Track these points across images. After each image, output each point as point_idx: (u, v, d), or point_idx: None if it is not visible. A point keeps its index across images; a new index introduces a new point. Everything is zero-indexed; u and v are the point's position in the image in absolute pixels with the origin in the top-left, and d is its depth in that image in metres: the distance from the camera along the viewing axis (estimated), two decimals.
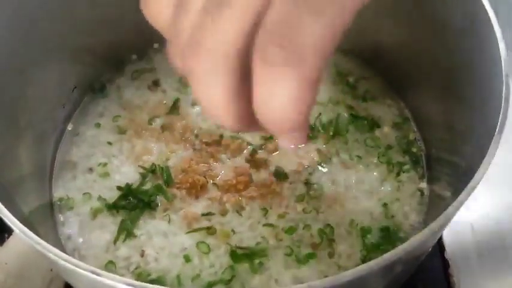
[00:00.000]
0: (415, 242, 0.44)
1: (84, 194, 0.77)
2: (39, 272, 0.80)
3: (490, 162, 0.50)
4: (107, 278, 0.44)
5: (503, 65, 0.56)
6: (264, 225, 0.73)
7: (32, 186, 0.74)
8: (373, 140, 0.82)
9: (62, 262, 0.46)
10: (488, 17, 0.59)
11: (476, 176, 0.49)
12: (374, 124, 0.84)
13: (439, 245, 0.83)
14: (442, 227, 0.47)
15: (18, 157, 0.72)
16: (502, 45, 0.55)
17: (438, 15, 0.72)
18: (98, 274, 0.44)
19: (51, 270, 0.80)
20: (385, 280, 0.52)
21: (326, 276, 0.60)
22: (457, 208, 0.47)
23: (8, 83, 0.69)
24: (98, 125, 0.85)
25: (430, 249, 0.60)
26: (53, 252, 0.46)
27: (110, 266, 0.71)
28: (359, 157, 0.80)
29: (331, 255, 0.71)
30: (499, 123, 0.53)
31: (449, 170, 0.72)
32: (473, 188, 0.48)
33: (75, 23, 0.80)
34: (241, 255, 0.70)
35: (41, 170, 0.78)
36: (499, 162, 0.90)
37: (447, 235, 0.84)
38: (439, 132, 0.78)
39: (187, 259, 0.70)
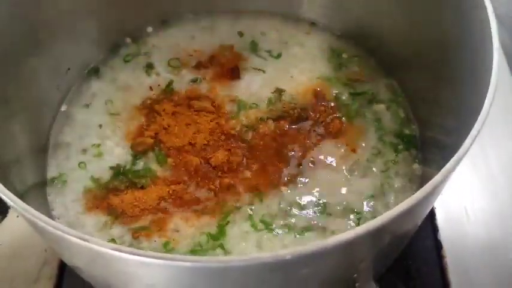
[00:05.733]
0: (400, 208, 0.44)
1: (77, 174, 0.77)
2: (33, 253, 0.80)
3: (477, 133, 0.50)
4: (94, 243, 0.44)
5: (493, 38, 0.56)
6: (258, 201, 0.74)
7: (26, 166, 0.74)
8: (372, 114, 0.83)
9: (51, 229, 0.46)
10: None
11: (462, 147, 0.49)
12: (371, 101, 0.85)
13: (433, 227, 0.83)
14: (427, 198, 0.46)
15: (13, 138, 0.72)
16: (492, 17, 0.55)
17: None
18: (85, 240, 0.44)
19: (46, 251, 0.80)
20: (374, 250, 0.52)
21: None
22: (442, 180, 0.47)
23: (2, 65, 0.70)
24: (92, 107, 0.85)
25: (419, 222, 0.60)
26: (41, 219, 0.46)
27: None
28: (354, 138, 0.80)
29: (324, 233, 0.71)
30: (487, 97, 0.53)
31: (440, 150, 0.72)
32: (460, 159, 0.48)
33: (70, 6, 0.81)
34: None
35: (35, 150, 0.78)
36: (491, 148, 0.91)
37: (441, 217, 0.84)
38: (430, 110, 0.78)
39: (179, 238, 0.71)
